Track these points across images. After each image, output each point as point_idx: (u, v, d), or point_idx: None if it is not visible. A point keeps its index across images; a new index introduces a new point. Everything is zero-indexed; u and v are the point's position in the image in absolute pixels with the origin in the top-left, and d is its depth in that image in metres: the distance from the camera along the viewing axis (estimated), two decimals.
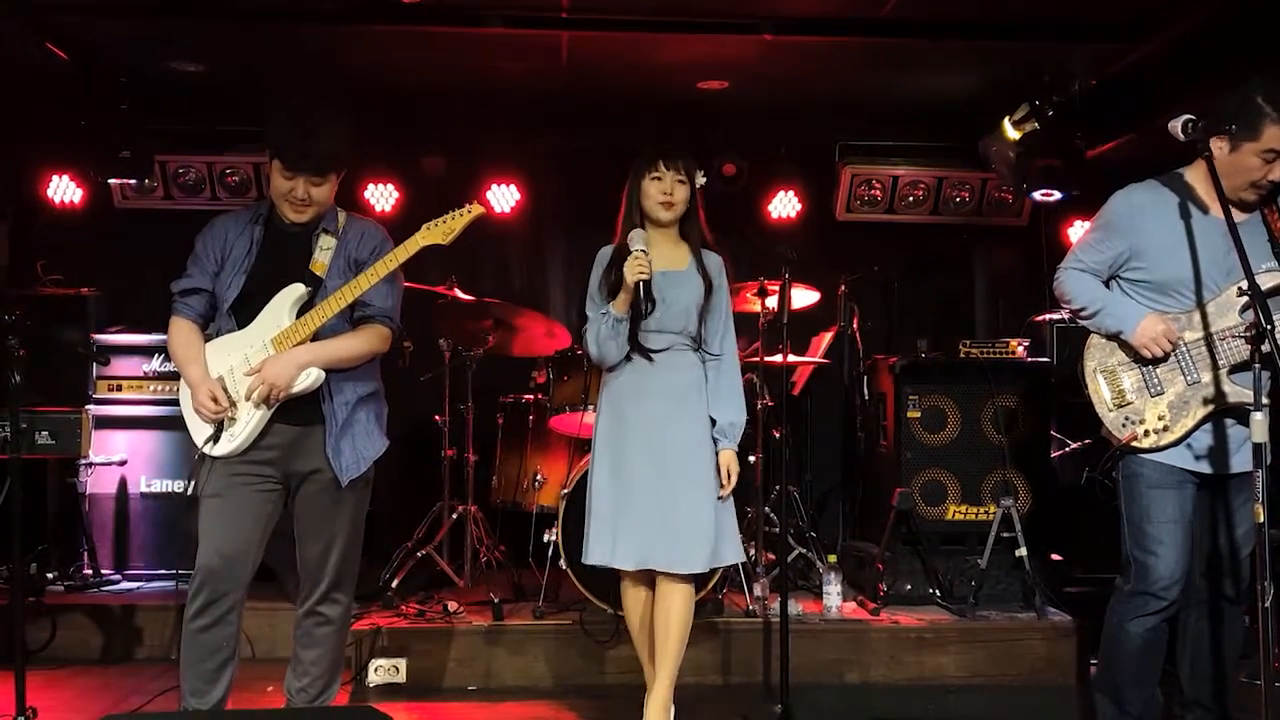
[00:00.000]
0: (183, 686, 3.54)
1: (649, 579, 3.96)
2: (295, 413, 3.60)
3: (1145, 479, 3.59)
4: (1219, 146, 3.46)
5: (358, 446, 3.68)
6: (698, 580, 4.02)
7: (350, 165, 3.70)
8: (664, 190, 3.93)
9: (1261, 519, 3.07)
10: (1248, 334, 3.16)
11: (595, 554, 3.92)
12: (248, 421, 3.54)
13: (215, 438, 3.55)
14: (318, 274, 3.63)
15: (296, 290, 3.60)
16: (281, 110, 3.60)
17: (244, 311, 3.64)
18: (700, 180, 4.04)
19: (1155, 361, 3.57)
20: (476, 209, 3.63)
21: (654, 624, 3.92)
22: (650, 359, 3.94)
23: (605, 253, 4.05)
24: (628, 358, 3.98)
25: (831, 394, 6.69)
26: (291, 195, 3.59)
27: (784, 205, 6.81)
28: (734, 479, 3.94)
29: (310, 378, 3.55)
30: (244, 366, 3.57)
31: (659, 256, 3.96)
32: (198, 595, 3.50)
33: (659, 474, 3.86)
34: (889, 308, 6.64)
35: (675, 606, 3.85)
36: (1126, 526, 3.65)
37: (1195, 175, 3.61)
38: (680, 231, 4.07)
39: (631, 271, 3.78)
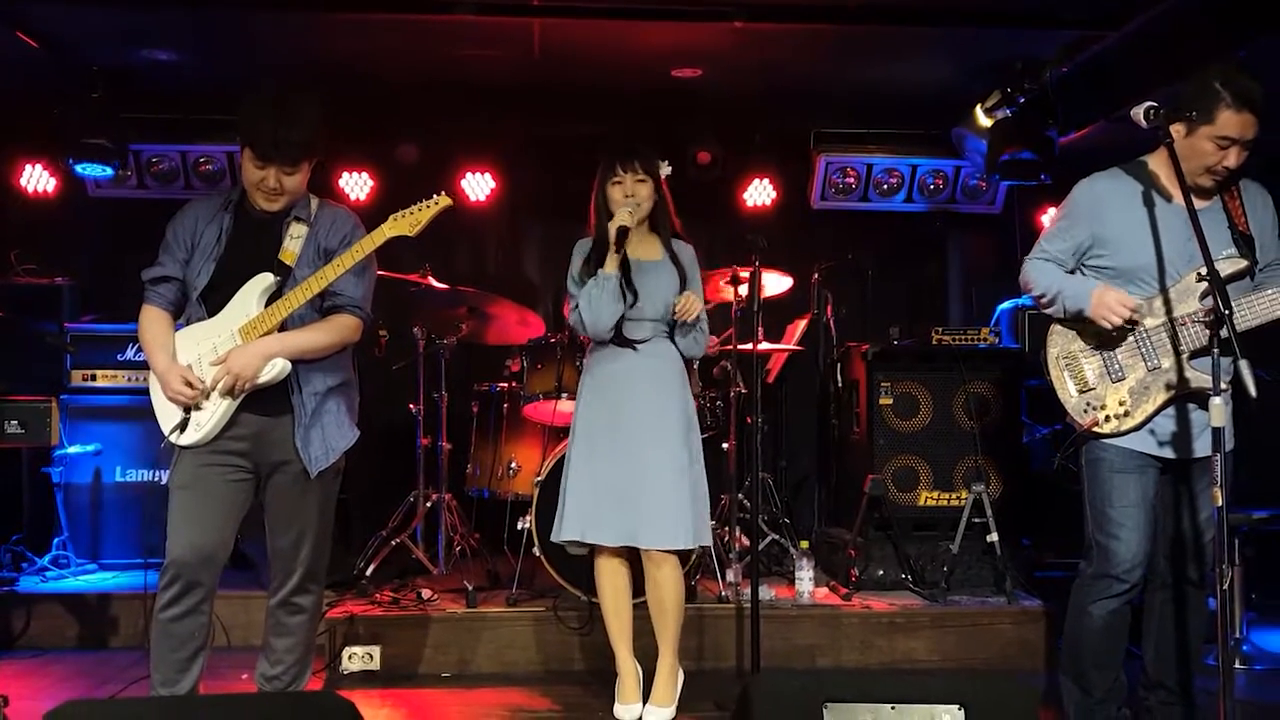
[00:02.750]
0: (153, 677, 3.53)
1: (624, 557, 4.12)
2: (264, 403, 3.59)
3: (1108, 464, 3.63)
4: (1178, 131, 3.49)
5: (327, 437, 3.68)
6: None
7: (323, 154, 3.66)
8: (625, 193, 4.07)
9: (1220, 503, 3.11)
10: (1207, 319, 3.20)
11: (570, 530, 4.06)
12: (214, 412, 3.53)
13: (181, 427, 3.54)
14: (287, 263, 3.60)
15: (265, 280, 3.58)
16: (253, 99, 3.56)
17: (213, 300, 3.61)
18: (665, 171, 4.14)
19: (1116, 347, 3.61)
20: (443, 200, 3.61)
21: (649, 603, 4.10)
22: (635, 348, 4.07)
23: (584, 243, 4.18)
24: (609, 346, 4.07)
25: (806, 381, 6.72)
26: (264, 185, 3.55)
27: (759, 193, 6.82)
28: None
29: (276, 368, 3.53)
30: (211, 356, 3.56)
31: (635, 250, 4.11)
32: (169, 587, 3.48)
33: (638, 455, 4.01)
34: (863, 295, 6.66)
35: (666, 582, 4.04)
36: (1089, 510, 3.70)
37: (1158, 162, 3.64)
38: (651, 225, 4.17)
39: (616, 220, 3.94)
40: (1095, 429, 3.60)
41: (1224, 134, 3.44)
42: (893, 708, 2.51)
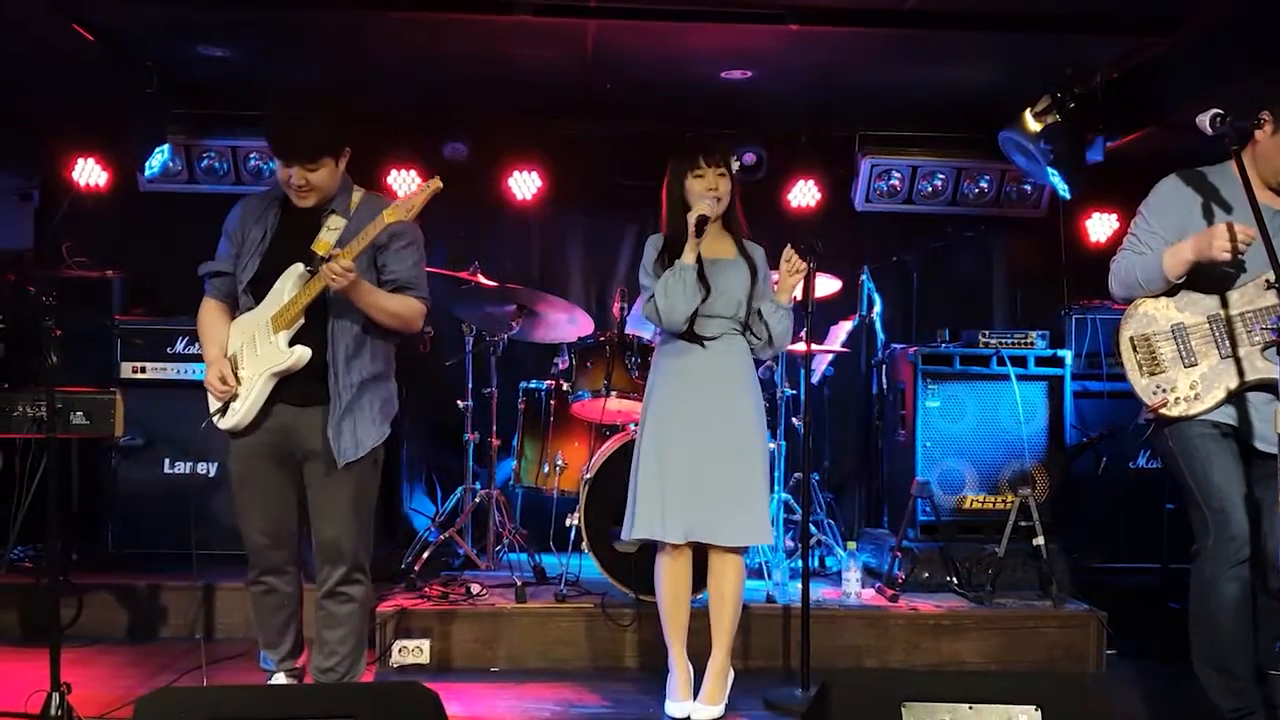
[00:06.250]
0: (259, 639, 4.01)
1: (687, 556, 4.15)
2: (297, 393, 3.76)
3: (1198, 435, 3.64)
4: (1264, 131, 3.51)
5: (358, 431, 3.78)
6: None
7: (342, 149, 3.78)
8: (709, 187, 4.07)
9: None
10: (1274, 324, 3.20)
11: (642, 529, 4.09)
12: (245, 398, 3.75)
13: (222, 411, 3.80)
14: (319, 253, 3.71)
15: (296, 270, 3.75)
16: (274, 105, 3.84)
17: (258, 291, 3.82)
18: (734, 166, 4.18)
19: (1190, 333, 3.61)
20: (434, 184, 3.68)
21: (710, 597, 4.14)
22: (703, 345, 4.10)
23: (657, 238, 4.22)
24: (677, 342, 4.11)
25: (850, 383, 6.72)
26: (291, 183, 3.73)
27: (803, 194, 6.82)
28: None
29: (294, 355, 3.70)
30: (251, 347, 3.76)
31: (708, 248, 4.13)
32: (253, 568, 3.91)
33: (708, 452, 4.04)
34: (907, 298, 6.66)
35: (729, 579, 4.10)
36: (1193, 485, 3.66)
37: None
38: (724, 223, 4.19)
39: (697, 209, 3.97)
40: (1163, 410, 3.61)
41: None
42: (970, 708, 2.52)
